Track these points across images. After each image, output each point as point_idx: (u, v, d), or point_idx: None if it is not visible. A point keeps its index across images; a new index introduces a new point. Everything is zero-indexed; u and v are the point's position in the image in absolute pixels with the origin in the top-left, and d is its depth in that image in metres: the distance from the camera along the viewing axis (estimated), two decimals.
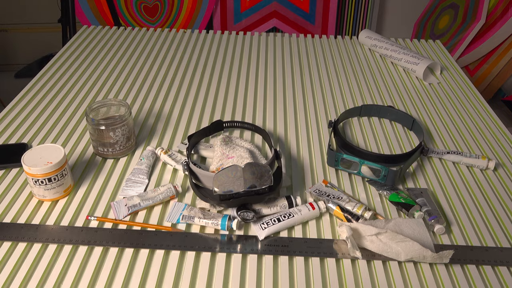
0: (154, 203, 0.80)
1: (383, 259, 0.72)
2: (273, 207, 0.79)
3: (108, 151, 0.91)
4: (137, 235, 0.75)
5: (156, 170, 0.90)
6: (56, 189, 0.80)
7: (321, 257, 0.72)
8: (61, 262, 0.70)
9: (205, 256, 0.72)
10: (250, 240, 0.75)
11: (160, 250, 0.72)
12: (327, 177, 0.89)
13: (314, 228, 0.77)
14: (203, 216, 0.76)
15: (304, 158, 0.94)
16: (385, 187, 0.84)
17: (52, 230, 0.75)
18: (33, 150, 0.80)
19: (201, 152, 0.93)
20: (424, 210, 0.78)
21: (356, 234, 0.73)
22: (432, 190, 0.87)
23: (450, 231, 0.78)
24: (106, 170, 0.90)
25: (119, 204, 0.79)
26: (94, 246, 0.73)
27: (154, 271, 0.69)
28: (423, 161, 0.94)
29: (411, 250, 0.69)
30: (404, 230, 0.73)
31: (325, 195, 0.82)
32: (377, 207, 0.82)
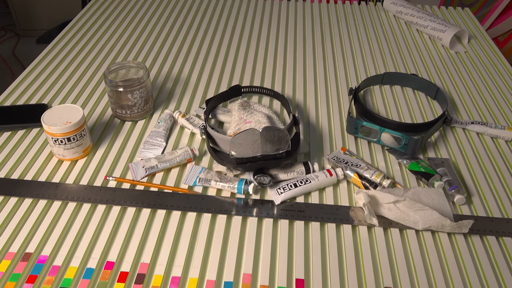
0: (171, 165, 0.80)
1: (400, 227, 0.71)
2: (290, 173, 0.78)
3: (126, 113, 0.91)
4: (154, 196, 0.75)
5: (173, 134, 0.90)
6: (75, 149, 0.81)
7: (337, 223, 0.72)
8: (80, 219, 0.71)
9: (221, 218, 0.72)
10: (266, 204, 0.74)
11: (177, 211, 0.73)
12: (345, 145, 0.88)
13: (331, 195, 0.77)
14: (219, 180, 0.76)
15: (323, 125, 0.93)
16: (405, 156, 0.83)
17: (72, 189, 0.76)
18: (53, 110, 0.81)
19: (218, 117, 0.93)
20: (444, 180, 0.77)
21: (374, 201, 0.72)
22: (454, 160, 0.85)
23: (471, 202, 0.76)
24: (124, 132, 0.90)
25: (137, 166, 0.80)
26: (112, 205, 0.74)
27: (170, 232, 0.70)
28: (445, 131, 0.92)
29: (429, 219, 0.68)
30: (423, 199, 0.72)
31: (343, 162, 0.80)
32: (396, 175, 0.81)
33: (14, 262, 0.64)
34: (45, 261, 0.65)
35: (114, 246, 0.67)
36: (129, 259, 0.65)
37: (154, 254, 0.66)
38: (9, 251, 0.66)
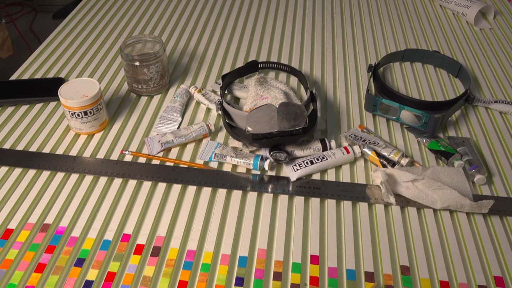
0: (187, 140, 0.80)
1: (417, 206, 0.70)
2: (306, 150, 0.77)
3: (142, 88, 0.91)
4: (170, 170, 0.75)
5: (189, 109, 0.89)
6: (92, 123, 0.81)
7: (353, 201, 0.71)
8: (97, 192, 0.72)
9: (236, 194, 0.72)
10: (282, 181, 0.74)
11: (192, 186, 0.73)
12: (363, 122, 0.86)
13: (347, 173, 0.76)
14: (235, 155, 0.76)
15: (341, 102, 0.91)
16: (425, 135, 0.81)
17: (89, 162, 0.77)
18: (70, 83, 0.81)
19: (234, 93, 0.92)
20: (465, 159, 0.75)
21: (391, 179, 0.70)
22: (475, 139, 0.83)
23: (491, 182, 0.74)
24: (140, 107, 0.90)
25: (153, 140, 0.80)
26: (129, 179, 0.74)
27: (186, 206, 0.70)
28: (467, 110, 0.89)
29: (448, 198, 0.66)
30: (442, 179, 0.71)
31: (360, 140, 0.79)
32: (414, 154, 0.79)
33: (33, 233, 0.66)
34: (63, 232, 0.66)
35: (130, 219, 0.68)
36: (145, 232, 0.66)
37: (170, 228, 0.67)
38: (28, 222, 0.67)
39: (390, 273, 0.61)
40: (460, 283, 0.60)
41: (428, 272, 0.61)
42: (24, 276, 0.60)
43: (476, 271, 0.61)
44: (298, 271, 0.61)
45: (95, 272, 0.60)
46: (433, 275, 0.61)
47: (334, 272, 0.61)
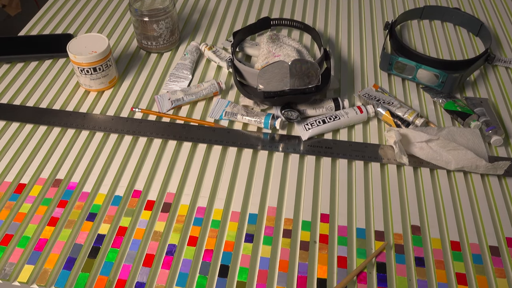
0: (197, 98, 0.79)
1: (431, 167, 0.69)
2: (318, 109, 0.76)
3: (152, 44, 0.89)
4: (180, 128, 0.75)
5: (200, 67, 0.88)
6: (101, 80, 0.80)
7: (365, 161, 0.70)
8: (107, 149, 0.72)
9: (247, 152, 0.71)
10: (293, 140, 0.73)
11: (203, 144, 0.73)
12: (378, 82, 0.84)
13: (360, 133, 0.74)
14: (246, 114, 0.75)
15: (355, 61, 0.89)
16: (441, 95, 0.78)
17: (99, 119, 0.76)
18: (78, 38, 0.79)
19: (246, 50, 0.89)
20: (482, 120, 0.73)
21: (405, 140, 0.69)
22: (494, 100, 0.80)
23: (508, 144, 0.73)
24: (150, 64, 0.88)
25: (163, 98, 0.79)
26: (139, 136, 0.74)
27: (196, 164, 0.70)
28: (487, 70, 0.86)
29: (463, 159, 0.65)
30: (457, 139, 0.69)
31: (374, 99, 0.77)
32: (430, 115, 0.77)
33: (46, 188, 0.66)
34: (75, 187, 0.66)
35: (141, 175, 0.68)
36: (156, 189, 0.66)
37: (180, 185, 0.67)
38: (40, 177, 0.67)
39: (400, 232, 0.61)
40: (471, 244, 0.59)
41: (439, 232, 0.61)
42: (38, 229, 0.61)
43: (488, 232, 0.61)
44: (308, 229, 0.61)
45: (106, 227, 0.61)
46: (444, 235, 0.60)
47: (344, 230, 0.61)
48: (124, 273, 0.56)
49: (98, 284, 0.55)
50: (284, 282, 0.55)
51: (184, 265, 0.57)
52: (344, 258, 0.58)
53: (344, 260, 0.58)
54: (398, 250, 0.59)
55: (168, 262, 0.57)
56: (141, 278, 0.56)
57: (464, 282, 0.55)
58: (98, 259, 0.58)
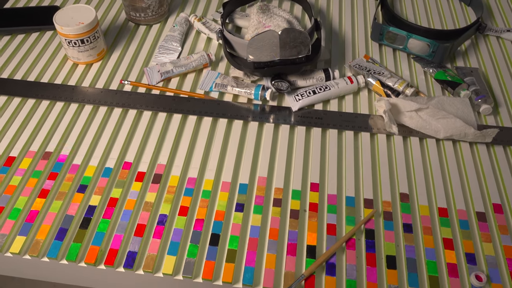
0: (187, 70, 0.78)
1: (420, 136, 0.69)
2: (309, 79, 0.75)
3: (141, 16, 0.87)
4: (170, 100, 0.74)
5: (189, 38, 0.86)
6: (90, 52, 0.79)
7: (355, 131, 0.70)
8: (97, 121, 0.71)
9: (237, 124, 0.71)
10: (284, 111, 0.73)
11: (193, 116, 0.72)
12: (369, 53, 0.83)
13: (350, 103, 0.74)
14: (236, 85, 0.74)
15: (346, 31, 0.88)
16: (432, 65, 0.78)
17: (88, 92, 0.75)
18: (65, 10, 0.78)
19: (236, 21, 0.88)
20: (471, 89, 0.73)
21: (395, 109, 0.69)
22: (484, 70, 0.80)
23: (497, 113, 0.73)
24: (139, 36, 0.87)
25: (152, 70, 0.78)
26: (129, 108, 0.73)
27: (186, 135, 0.70)
28: (478, 39, 0.86)
29: (452, 127, 0.65)
30: (447, 108, 0.69)
31: (365, 69, 0.77)
32: (420, 85, 0.77)
33: (35, 161, 0.66)
34: (65, 160, 0.66)
35: (131, 147, 0.68)
36: (146, 160, 0.66)
37: (171, 156, 0.67)
38: (29, 150, 0.67)
39: (389, 200, 0.61)
40: (458, 210, 0.60)
41: (427, 199, 0.61)
42: (29, 201, 0.61)
43: (476, 198, 0.62)
44: (297, 198, 0.62)
45: (97, 198, 0.61)
46: (432, 202, 0.61)
47: (334, 199, 0.61)
48: (116, 242, 0.57)
49: (90, 253, 0.56)
50: (274, 250, 0.56)
51: (176, 234, 0.57)
52: (334, 225, 0.59)
53: (333, 227, 0.58)
54: (386, 217, 0.59)
55: (159, 232, 0.58)
56: (133, 247, 0.56)
57: (450, 247, 0.56)
58: (90, 229, 0.58)
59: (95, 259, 0.55)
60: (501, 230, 0.58)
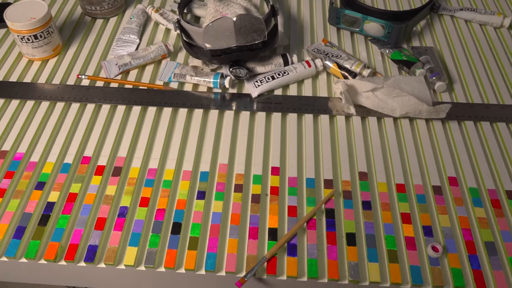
0: (146, 61, 0.77)
1: (378, 116, 0.70)
2: (267, 65, 0.75)
3: (96, 9, 0.86)
4: (129, 92, 0.74)
5: (147, 30, 0.86)
6: (44, 48, 0.77)
7: (314, 114, 0.71)
8: (54, 118, 0.70)
9: (198, 113, 0.71)
10: (244, 98, 0.73)
11: (152, 107, 0.72)
12: (327, 37, 0.84)
13: (309, 87, 0.75)
14: (195, 74, 0.74)
15: (305, 17, 0.88)
16: (388, 46, 0.79)
17: (44, 88, 0.74)
18: (16, 5, 0.76)
19: (194, 11, 0.88)
20: (426, 67, 0.74)
21: (352, 90, 0.70)
22: (439, 49, 0.82)
23: (452, 89, 0.75)
24: (96, 30, 0.86)
25: (110, 63, 0.77)
26: (87, 103, 0.72)
27: (146, 127, 0.69)
28: (433, 19, 0.88)
29: (406, 105, 0.67)
30: (403, 88, 0.70)
31: (323, 53, 0.77)
32: (377, 66, 0.78)
33: None
34: (22, 158, 0.65)
35: (90, 142, 0.67)
36: (106, 154, 0.65)
37: (131, 149, 0.66)
38: None
39: (348, 179, 0.62)
40: (415, 185, 0.62)
41: (385, 176, 0.63)
42: None
43: (432, 173, 0.63)
44: (259, 183, 0.62)
45: (56, 194, 0.60)
46: (390, 178, 0.63)
47: (294, 181, 0.62)
48: (76, 237, 0.56)
49: (50, 250, 0.55)
50: (236, 235, 0.56)
51: (137, 226, 0.57)
52: (294, 207, 0.59)
53: (294, 209, 0.59)
54: (346, 196, 0.60)
55: (120, 224, 0.57)
56: (94, 241, 0.56)
57: (408, 221, 0.58)
58: (49, 226, 0.57)
59: (55, 255, 0.54)
60: (456, 202, 0.60)
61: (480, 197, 0.60)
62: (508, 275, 0.53)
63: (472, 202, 0.60)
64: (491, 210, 0.59)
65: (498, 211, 0.59)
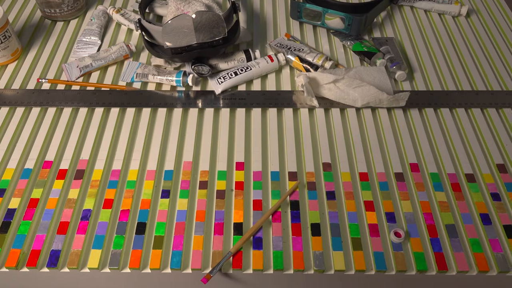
0: (107, 63, 0.77)
1: (341, 107, 0.71)
2: (230, 62, 0.75)
3: (56, 12, 0.84)
4: (90, 95, 0.73)
5: (109, 31, 0.85)
6: (2, 52, 0.76)
7: (278, 107, 0.71)
8: (14, 123, 0.69)
9: (161, 112, 0.71)
10: (209, 95, 0.73)
11: (115, 108, 0.71)
12: (290, 31, 0.85)
13: (273, 81, 0.75)
14: (157, 73, 0.74)
15: (267, 12, 0.89)
16: (350, 38, 0.80)
17: (3, 94, 0.72)
18: None
19: (156, 10, 0.87)
20: (387, 57, 0.76)
21: (314, 83, 0.71)
22: (400, 39, 0.83)
23: (412, 78, 0.76)
24: (57, 33, 0.84)
25: (71, 66, 0.76)
26: (48, 107, 0.71)
27: (109, 128, 0.68)
28: (393, 10, 0.89)
29: (367, 94, 0.67)
30: (365, 78, 0.71)
31: (286, 47, 0.78)
32: (340, 58, 0.79)
33: None
34: None
35: (51, 146, 0.66)
36: (68, 157, 0.64)
37: (94, 151, 0.65)
38: None
39: (312, 170, 0.63)
40: (378, 173, 0.62)
41: (348, 166, 0.63)
42: None
43: (394, 160, 0.64)
44: (224, 178, 0.62)
45: (17, 201, 0.59)
46: (354, 168, 0.63)
47: (259, 175, 0.62)
48: (38, 243, 0.55)
49: (11, 257, 0.54)
50: (201, 231, 0.56)
51: (100, 228, 0.56)
52: (260, 201, 0.59)
53: (259, 203, 0.59)
54: (310, 187, 0.61)
55: (83, 227, 0.57)
56: (56, 246, 0.55)
57: (371, 208, 0.59)
58: (10, 233, 0.56)
59: (16, 262, 0.53)
60: (418, 188, 0.61)
61: (441, 182, 0.62)
62: (468, 255, 0.54)
63: (433, 186, 0.61)
64: (451, 194, 0.60)
65: (458, 194, 0.60)
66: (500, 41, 0.83)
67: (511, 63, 0.79)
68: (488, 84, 0.75)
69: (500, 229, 0.57)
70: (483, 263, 0.54)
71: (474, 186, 0.61)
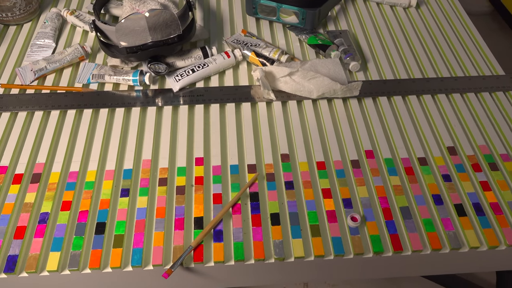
0: (62, 65, 0.76)
1: (298, 99, 0.72)
2: (187, 59, 0.76)
3: (8, 16, 0.83)
4: (46, 98, 0.72)
5: (64, 33, 0.84)
6: None
7: (236, 102, 0.72)
8: None
9: (119, 112, 0.70)
10: (167, 93, 0.73)
11: (72, 110, 0.70)
12: (247, 27, 0.86)
13: (231, 77, 0.76)
14: (114, 73, 0.73)
15: (224, 9, 0.89)
16: (305, 32, 0.82)
17: None
18: None
19: (111, 11, 0.86)
20: (341, 49, 0.77)
21: (270, 77, 0.72)
22: (353, 31, 0.85)
23: (366, 68, 0.78)
24: (9, 37, 0.83)
25: (25, 70, 0.75)
26: (1, 112, 0.70)
27: (66, 130, 0.67)
28: (347, 4, 0.91)
29: (321, 86, 0.69)
30: (320, 70, 0.73)
31: (242, 43, 0.79)
32: (296, 52, 0.81)
33: None
34: None
35: (6, 151, 0.65)
36: (24, 161, 0.63)
37: (51, 154, 0.65)
38: None
39: (271, 162, 0.64)
40: (335, 161, 0.64)
41: (306, 156, 0.65)
42: None
43: (350, 148, 0.66)
44: (183, 174, 0.62)
45: None
46: (311, 157, 0.65)
47: (219, 169, 0.63)
48: None
49: None
50: (162, 227, 0.56)
51: (59, 230, 0.56)
52: (219, 195, 0.60)
53: (219, 196, 0.60)
54: (269, 179, 0.62)
55: (41, 230, 0.56)
56: (13, 251, 0.54)
57: (329, 195, 0.60)
58: None
59: None
60: (373, 173, 0.63)
61: (395, 166, 0.64)
62: (422, 235, 0.57)
63: (387, 171, 0.63)
64: (405, 177, 0.62)
65: (411, 177, 0.62)
66: (449, 30, 0.87)
67: (460, 51, 0.82)
68: (438, 71, 0.78)
69: (451, 208, 0.59)
70: (436, 242, 0.56)
71: (426, 169, 0.63)
